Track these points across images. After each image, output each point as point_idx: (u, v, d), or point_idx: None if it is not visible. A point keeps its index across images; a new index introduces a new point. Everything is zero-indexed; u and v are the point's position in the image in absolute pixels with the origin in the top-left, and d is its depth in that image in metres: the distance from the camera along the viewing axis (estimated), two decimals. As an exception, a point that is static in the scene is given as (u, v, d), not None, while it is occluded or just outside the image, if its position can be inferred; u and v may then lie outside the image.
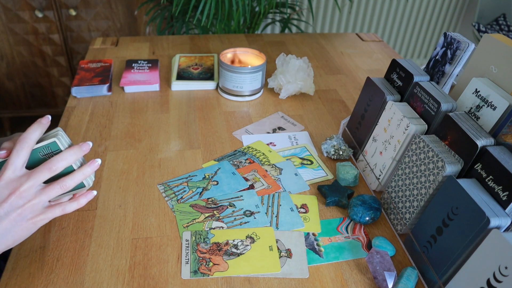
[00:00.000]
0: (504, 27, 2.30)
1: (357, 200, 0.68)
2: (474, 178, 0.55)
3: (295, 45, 1.30)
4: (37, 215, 0.51)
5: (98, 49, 1.20)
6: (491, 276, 0.47)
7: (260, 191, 0.72)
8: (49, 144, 0.53)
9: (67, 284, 0.56)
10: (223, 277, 0.58)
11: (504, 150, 0.53)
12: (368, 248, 0.64)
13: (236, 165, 0.78)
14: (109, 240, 0.62)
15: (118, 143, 0.82)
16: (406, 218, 0.63)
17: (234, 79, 0.96)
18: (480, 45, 0.65)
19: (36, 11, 1.71)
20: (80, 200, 0.55)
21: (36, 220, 0.51)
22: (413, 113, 0.68)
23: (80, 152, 0.53)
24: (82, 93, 0.96)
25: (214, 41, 1.30)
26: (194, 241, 0.62)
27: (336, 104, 1.01)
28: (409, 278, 0.57)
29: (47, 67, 1.88)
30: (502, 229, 0.49)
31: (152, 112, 0.93)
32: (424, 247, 0.58)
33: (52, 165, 0.51)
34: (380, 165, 0.72)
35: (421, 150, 0.61)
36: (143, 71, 1.05)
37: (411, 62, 0.75)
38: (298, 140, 0.87)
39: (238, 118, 0.93)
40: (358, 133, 0.81)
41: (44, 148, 0.53)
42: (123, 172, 0.75)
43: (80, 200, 0.55)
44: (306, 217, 0.68)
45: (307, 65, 1.00)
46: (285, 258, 0.61)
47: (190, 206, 0.69)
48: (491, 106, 0.59)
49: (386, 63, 1.22)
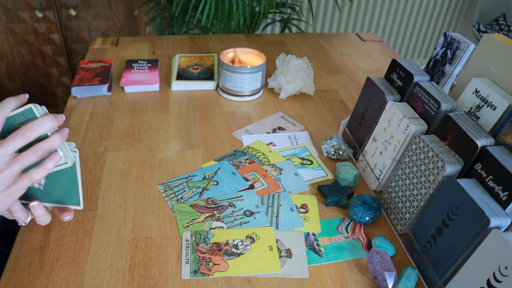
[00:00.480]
0: (504, 27, 2.30)
1: (357, 200, 0.68)
2: (474, 178, 0.55)
3: (295, 45, 1.30)
4: (10, 186, 0.49)
5: (98, 49, 1.20)
6: (491, 276, 0.47)
7: (260, 191, 0.72)
8: (24, 112, 0.50)
9: (67, 284, 0.56)
10: (223, 277, 0.58)
11: (504, 150, 0.53)
12: (368, 248, 0.64)
13: (236, 165, 0.78)
14: (109, 240, 0.62)
15: (118, 143, 0.82)
16: (406, 218, 0.63)
17: (234, 79, 0.96)
18: (480, 45, 0.65)
19: (36, 11, 1.71)
20: (46, 164, 0.51)
21: (9, 191, 0.49)
22: (413, 113, 0.68)
23: (56, 121, 0.51)
24: (82, 93, 0.96)
25: (214, 41, 1.30)
26: (194, 241, 0.62)
27: (336, 104, 1.01)
28: (409, 278, 0.57)
29: (47, 67, 1.88)
30: (502, 229, 0.49)
31: (152, 112, 0.93)
32: (424, 247, 0.58)
33: (27, 131, 0.48)
34: (380, 165, 0.72)
35: (421, 150, 0.61)
36: (143, 71, 1.05)
37: (411, 62, 0.75)
38: (298, 140, 0.87)
39: (238, 118, 0.93)
40: (358, 133, 0.81)
41: (19, 116, 0.51)
42: (123, 172, 0.75)
43: (47, 165, 0.51)
44: (306, 217, 0.68)
45: (307, 65, 1.00)
46: (285, 258, 0.61)
47: (190, 206, 0.69)
48: (491, 106, 0.59)
49: (386, 63, 1.22)
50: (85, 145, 0.81)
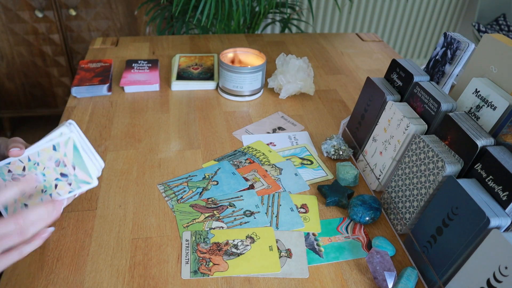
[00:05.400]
0: (504, 27, 2.30)
1: (357, 200, 0.68)
2: (474, 178, 0.55)
3: (295, 45, 1.30)
4: None
5: (98, 49, 1.20)
6: (491, 276, 0.47)
7: (260, 191, 0.72)
8: None
9: (67, 284, 0.56)
10: (223, 277, 0.58)
11: (504, 150, 0.53)
12: (368, 248, 0.64)
13: (236, 165, 0.78)
14: (109, 240, 0.62)
15: (118, 143, 0.82)
16: (406, 218, 0.63)
17: (234, 79, 0.96)
18: (480, 45, 0.65)
19: (36, 11, 1.71)
20: (35, 241, 0.48)
21: None
22: (413, 113, 0.68)
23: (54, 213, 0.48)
24: (82, 93, 0.96)
25: (214, 41, 1.30)
26: (194, 241, 0.62)
27: (336, 104, 1.01)
28: (409, 278, 0.57)
29: (47, 67, 1.88)
30: (502, 229, 0.49)
31: (152, 112, 0.93)
32: (424, 247, 0.58)
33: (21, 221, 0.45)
34: (380, 165, 0.72)
35: (421, 150, 0.61)
36: (143, 71, 1.05)
37: (411, 62, 0.75)
38: (298, 140, 0.87)
39: (238, 118, 0.93)
40: (358, 133, 0.81)
41: None
42: (123, 172, 0.75)
43: (35, 241, 0.48)
44: (306, 217, 0.68)
45: (307, 65, 1.00)
46: (285, 258, 0.61)
47: (190, 206, 0.68)
48: (491, 106, 0.59)
49: (386, 63, 1.22)
50: (85, 145, 0.81)
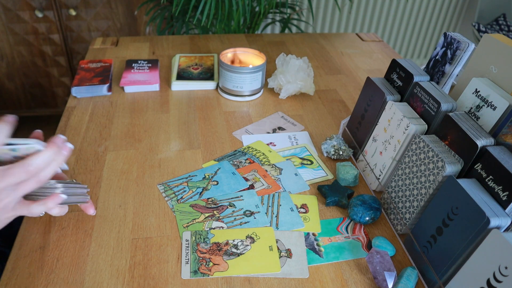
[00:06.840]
0: (504, 27, 2.30)
1: (357, 200, 0.68)
2: (474, 178, 0.55)
3: (295, 45, 1.30)
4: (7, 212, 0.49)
5: (98, 49, 1.20)
6: (491, 276, 0.47)
7: (260, 191, 0.72)
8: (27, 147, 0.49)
9: (67, 284, 0.56)
10: (223, 277, 0.58)
11: (504, 150, 0.53)
12: (368, 248, 0.64)
13: (236, 165, 0.78)
14: (109, 240, 0.62)
15: (118, 143, 0.82)
16: (406, 218, 0.63)
17: (234, 79, 0.96)
18: (480, 45, 0.65)
19: (36, 11, 1.71)
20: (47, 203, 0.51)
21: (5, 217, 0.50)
22: (413, 113, 0.68)
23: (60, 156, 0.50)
24: (82, 93, 0.96)
25: (214, 41, 1.30)
26: (194, 241, 0.62)
27: (336, 104, 1.01)
28: (409, 278, 0.57)
29: (47, 67, 1.88)
30: (502, 229, 0.49)
31: (152, 112, 0.93)
32: (424, 247, 0.58)
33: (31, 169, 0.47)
34: (380, 165, 0.72)
35: (421, 150, 0.61)
36: (143, 71, 1.05)
37: (411, 62, 0.75)
38: (298, 140, 0.87)
39: (238, 118, 0.93)
40: (358, 133, 0.81)
41: None
42: (123, 172, 0.75)
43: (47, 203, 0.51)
44: (306, 217, 0.68)
45: (307, 65, 1.00)
46: (285, 258, 0.61)
47: (190, 206, 0.68)
48: (491, 106, 0.59)
49: (386, 63, 1.22)
50: (85, 145, 0.81)
